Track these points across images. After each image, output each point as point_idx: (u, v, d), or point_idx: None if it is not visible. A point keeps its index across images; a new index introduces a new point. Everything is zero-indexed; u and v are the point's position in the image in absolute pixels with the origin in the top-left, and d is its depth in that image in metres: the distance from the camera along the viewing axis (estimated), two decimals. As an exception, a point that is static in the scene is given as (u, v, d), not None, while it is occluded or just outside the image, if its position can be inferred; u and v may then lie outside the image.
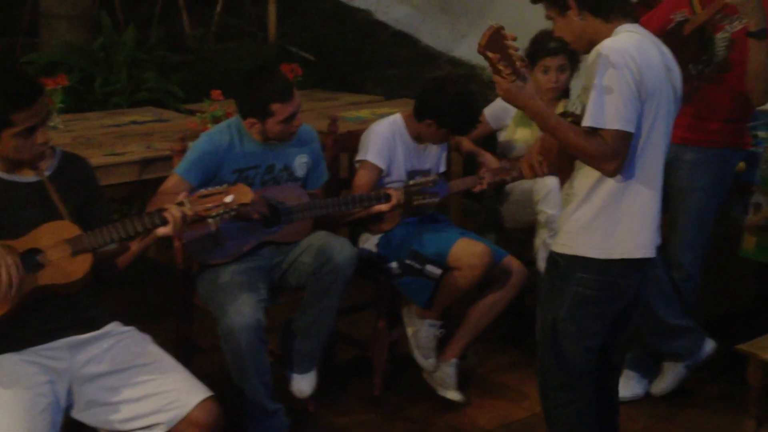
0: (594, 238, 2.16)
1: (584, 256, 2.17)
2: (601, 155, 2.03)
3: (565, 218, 2.23)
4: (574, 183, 2.20)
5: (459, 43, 5.84)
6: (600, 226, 2.15)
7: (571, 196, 2.21)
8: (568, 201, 2.22)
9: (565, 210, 2.23)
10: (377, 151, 3.09)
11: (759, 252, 3.04)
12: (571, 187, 2.21)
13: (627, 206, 2.13)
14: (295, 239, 2.87)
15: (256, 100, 2.73)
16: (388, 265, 3.08)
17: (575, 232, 2.19)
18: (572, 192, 2.20)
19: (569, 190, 2.22)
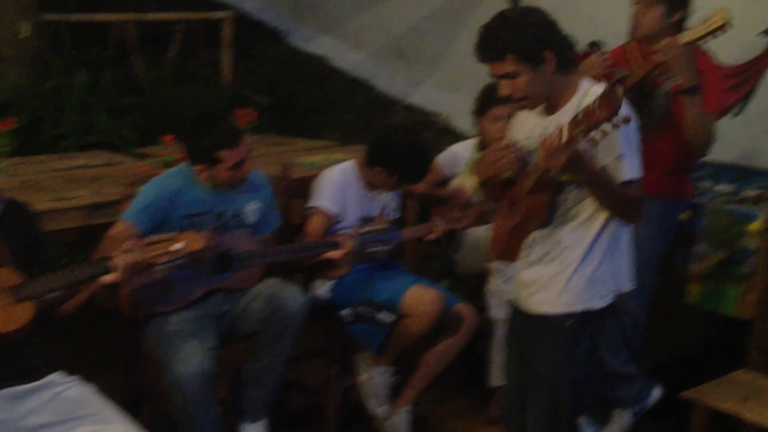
0: (603, 286, 2.18)
1: (595, 309, 2.17)
2: (641, 205, 2.16)
3: (556, 276, 2.16)
4: (560, 239, 2.16)
5: (414, 89, 5.93)
6: (606, 272, 2.17)
7: (557, 252, 2.16)
8: (552, 258, 2.17)
9: (549, 268, 2.17)
10: (329, 197, 3.12)
11: (704, 300, 3.13)
12: (557, 243, 2.16)
13: (623, 243, 2.24)
14: (246, 286, 2.87)
15: (203, 147, 2.75)
16: (341, 312, 3.10)
17: (582, 288, 2.16)
18: (560, 248, 2.16)
19: (549, 248, 2.17)
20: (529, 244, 2.22)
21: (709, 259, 3.09)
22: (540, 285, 2.20)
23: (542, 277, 2.20)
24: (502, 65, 2.09)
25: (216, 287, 2.83)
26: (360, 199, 3.19)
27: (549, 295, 2.19)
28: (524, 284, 2.25)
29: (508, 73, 2.09)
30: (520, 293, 2.28)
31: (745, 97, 4.10)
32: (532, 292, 2.22)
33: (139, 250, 2.23)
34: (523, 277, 2.26)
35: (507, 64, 2.08)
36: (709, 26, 2.83)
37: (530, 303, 2.24)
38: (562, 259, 2.16)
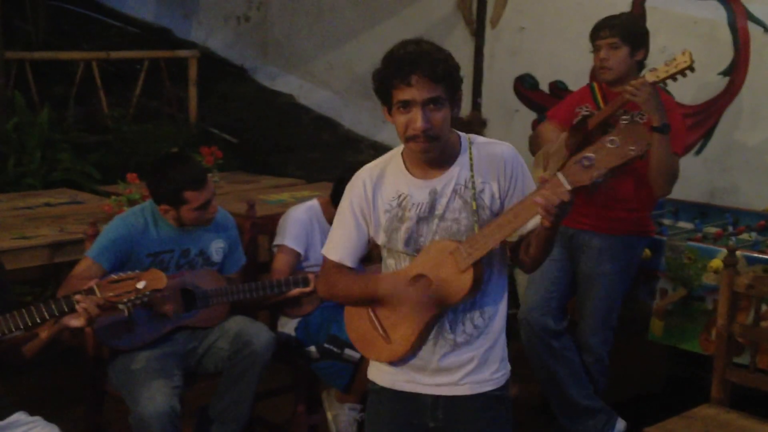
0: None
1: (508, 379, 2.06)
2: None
3: (490, 350, 1.99)
4: (484, 307, 1.97)
5: (380, 127, 6.01)
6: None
7: (484, 323, 1.98)
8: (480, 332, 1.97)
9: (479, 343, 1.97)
10: (295, 235, 3.15)
11: (666, 336, 3.19)
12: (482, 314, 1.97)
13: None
14: (212, 324, 2.88)
15: (168, 188, 2.77)
16: (307, 349, 3.11)
17: (506, 355, 2.04)
18: (486, 317, 1.98)
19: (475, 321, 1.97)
20: (446, 327, 1.96)
21: (670, 296, 3.16)
22: (474, 365, 1.98)
23: (475, 357, 1.98)
24: (433, 88, 1.85)
25: (181, 325, 2.84)
26: (325, 237, 3.15)
27: (487, 373, 1.99)
28: (446, 369, 1.98)
29: (438, 98, 1.86)
30: (436, 380, 1.99)
31: (706, 135, 4.25)
32: (464, 374, 1.98)
33: (102, 288, 2.23)
34: (445, 363, 1.98)
35: (438, 89, 1.86)
36: (675, 67, 2.93)
37: (463, 386, 1.99)
38: (490, 329, 1.98)
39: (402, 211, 1.95)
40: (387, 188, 1.98)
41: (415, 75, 1.84)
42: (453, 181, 1.94)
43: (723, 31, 4.17)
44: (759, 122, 4.14)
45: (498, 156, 1.96)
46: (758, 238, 3.38)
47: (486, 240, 1.87)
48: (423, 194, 1.94)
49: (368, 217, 2.00)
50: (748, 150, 4.12)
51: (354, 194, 2.01)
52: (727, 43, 4.15)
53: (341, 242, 2.04)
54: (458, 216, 1.93)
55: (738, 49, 4.13)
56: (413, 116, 1.86)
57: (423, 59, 1.86)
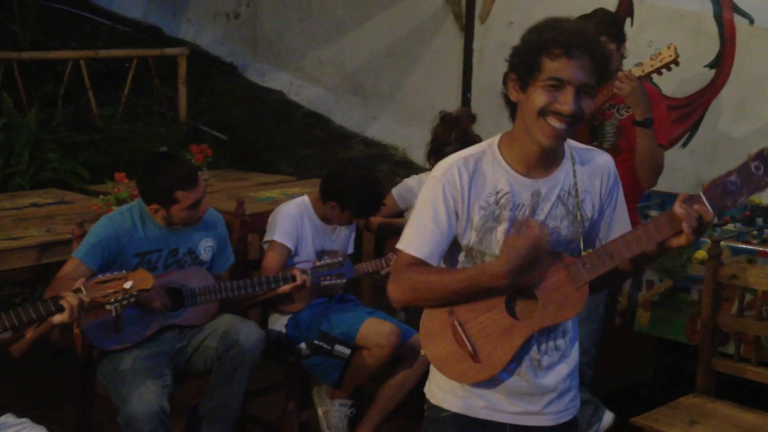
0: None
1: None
2: None
3: (570, 376, 1.84)
4: (566, 327, 1.82)
5: (371, 123, 6.02)
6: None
7: (566, 345, 1.83)
8: (563, 355, 1.82)
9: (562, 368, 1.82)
10: (285, 231, 3.16)
11: (653, 327, 3.22)
12: (564, 334, 1.82)
13: None
14: (200, 323, 2.89)
15: (159, 188, 2.78)
16: (297, 346, 3.13)
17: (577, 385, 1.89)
18: (568, 339, 1.83)
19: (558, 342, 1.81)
20: (534, 347, 1.80)
21: (656, 287, 3.19)
22: (558, 392, 1.83)
23: (558, 383, 1.82)
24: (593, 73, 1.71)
25: (170, 324, 2.85)
26: (315, 233, 3.24)
27: (566, 401, 1.85)
28: (529, 394, 1.81)
29: (590, 84, 1.70)
30: (518, 406, 1.81)
31: (692, 128, 4.27)
32: (547, 402, 1.82)
33: (89, 289, 2.25)
34: (530, 387, 1.80)
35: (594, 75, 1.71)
36: (660, 61, 2.95)
37: (545, 416, 1.83)
38: (570, 353, 1.84)
39: (500, 210, 1.76)
40: (484, 182, 1.77)
41: (580, 52, 1.66)
42: (558, 186, 1.78)
43: (709, 23, 4.19)
44: (745, 114, 4.16)
45: (601, 166, 1.84)
46: (743, 229, 3.41)
47: (612, 256, 1.71)
48: (526, 194, 1.77)
49: (460, 211, 1.76)
50: (733, 142, 4.15)
51: (447, 183, 1.75)
52: (713, 36, 4.18)
53: (429, 237, 1.76)
54: (559, 224, 1.78)
55: (724, 41, 4.15)
56: (564, 95, 1.66)
57: (593, 37, 1.68)
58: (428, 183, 1.79)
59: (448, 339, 1.77)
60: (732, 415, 2.73)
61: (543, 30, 1.69)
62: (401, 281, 1.77)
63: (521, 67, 1.70)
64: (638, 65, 3.05)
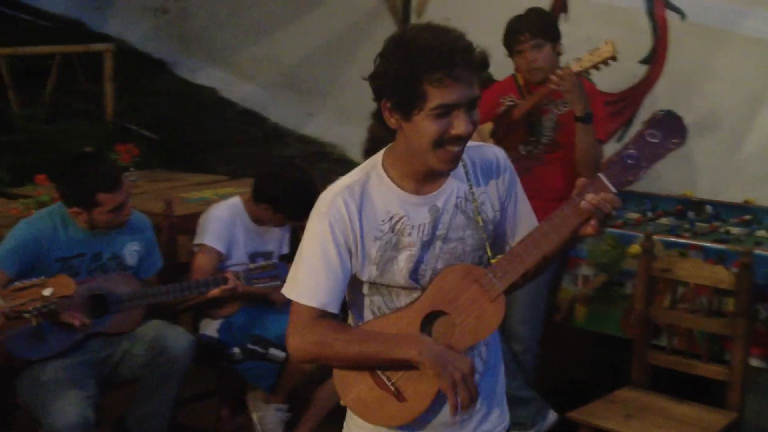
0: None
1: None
2: None
3: (496, 388, 1.79)
4: (487, 339, 1.73)
5: (307, 120, 5.99)
6: None
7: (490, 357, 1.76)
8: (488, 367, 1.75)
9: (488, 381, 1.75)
10: (216, 234, 3.14)
11: (589, 321, 3.29)
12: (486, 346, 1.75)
13: None
14: (127, 330, 2.85)
15: (80, 191, 2.73)
16: (230, 351, 3.11)
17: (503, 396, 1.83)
18: (490, 351, 1.76)
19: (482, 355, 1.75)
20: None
21: (592, 282, 3.26)
22: (486, 408, 1.75)
23: (486, 398, 1.75)
24: (473, 87, 1.60)
25: (94, 332, 2.80)
26: (248, 235, 3.22)
27: (495, 416, 1.78)
28: (457, 423, 1.73)
29: (476, 98, 1.62)
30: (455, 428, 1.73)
31: (626, 123, 4.37)
32: (476, 423, 1.75)
33: (6, 297, 2.20)
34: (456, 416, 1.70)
35: (476, 86, 1.61)
36: (598, 56, 3.02)
37: None
38: (495, 362, 1.78)
39: (397, 237, 1.64)
40: (375, 209, 1.65)
41: (464, 65, 1.53)
42: (453, 195, 1.68)
43: (642, 19, 4.29)
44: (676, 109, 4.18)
45: (492, 162, 1.73)
46: (675, 223, 3.51)
47: (521, 259, 1.64)
48: (422, 213, 1.66)
49: (353, 247, 1.63)
50: (667, 136, 4.26)
51: (334, 219, 1.62)
52: (646, 32, 4.28)
53: (323, 282, 1.62)
54: (462, 234, 1.68)
55: (657, 37, 4.26)
56: (457, 119, 1.56)
57: (467, 45, 1.56)
58: (312, 219, 1.65)
59: (367, 384, 1.67)
60: (666, 408, 2.81)
61: (415, 53, 1.53)
62: (304, 335, 1.64)
63: (399, 97, 1.56)
64: (577, 60, 3.11)
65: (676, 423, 2.69)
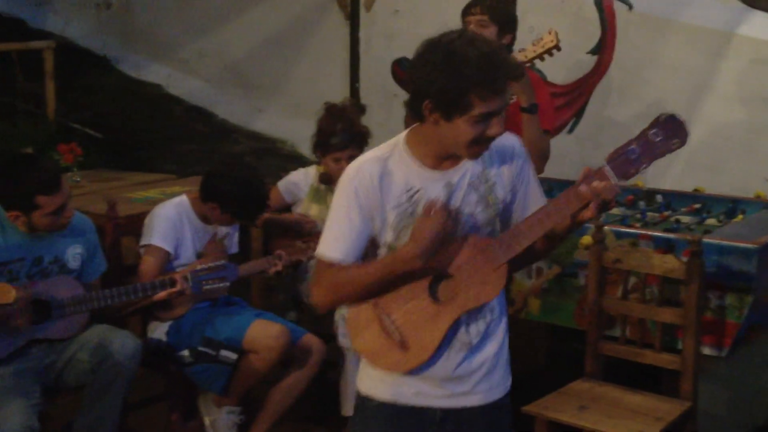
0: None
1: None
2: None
3: (498, 353, 1.92)
4: (493, 306, 1.89)
5: (256, 116, 5.96)
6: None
7: (494, 323, 1.91)
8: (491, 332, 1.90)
9: (490, 346, 1.90)
10: (163, 234, 3.09)
11: (543, 314, 3.32)
12: (491, 312, 1.90)
13: None
14: (71, 335, 2.80)
15: (18, 193, 2.67)
16: (179, 354, 3.07)
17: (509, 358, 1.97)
18: (495, 316, 1.91)
19: (487, 320, 1.89)
20: (462, 329, 1.87)
21: (545, 274, 3.29)
22: (485, 370, 1.90)
23: (486, 360, 1.90)
24: (507, 94, 1.80)
25: (37, 338, 2.74)
26: (196, 234, 3.18)
27: (496, 378, 1.93)
28: (459, 377, 1.89)
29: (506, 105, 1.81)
30: (447, 389, 1.89)
31: (577, 114, 4.42)
32: (476, 381, 1.90)
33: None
34: (460, 370, 1.88)
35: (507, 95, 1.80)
36: (542, 47, 3.04)
37: (476, 396, 1.91)
38: (499, 331, 1.92)
39: (414, 207, 1.84)
40: (395, 181, 1.85)
41: (506, 82, 1.76)
42: (468, 174, 1.87)
43: (590, 9, 4.34)
44: (627, 99, 4.35)
45: (508, 148, 1.92)
46: (626, 213, 3.56)
47: (525, 235, 1.81)
48: (437, 188, 1.85)
49: (375, 212, 1.84)
50: (618, 126, 4.33)
51: (360, 185, 1.84)
52: (594, 22, 4.33)
53: (344, 238, 1.84)
54: (474, 210, 1.86)
55: (605, 27, 4.32)
56: (494, 124, 1.77)
57: (510, 61, 1.79)
58: (340, 185, 1.86)
59: (375, 331, 1.86)
60: (620, 398, 2.85)
61: (465, 68, 1.72)
62: (321, 285, 1.86)
63: (445, 103, 1.75)
64: (521, 51, 3.13)
65: (629, 413, 2.74)
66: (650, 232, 3.11)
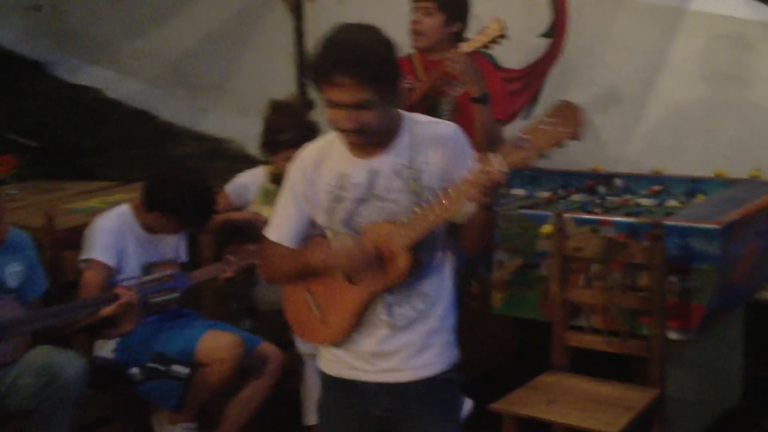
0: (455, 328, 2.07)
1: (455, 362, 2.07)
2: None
3: (432, 335, 2.00)
4: (427, 291, 1.99)
5: (201, 117, 5.89)
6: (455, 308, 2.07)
7: (427, 308, 1.99)
8: (423, 317, 1.99)
9: (421, 328, 1.99)
10: (104, 247, 3.03)
11: (507, 307, 3.31)
12: (424, 298, 1.99)
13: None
14: (12, 359, 2.73)
15: None
16: (129, 372, 3.01)
17: (454, 336, 2.05)
18: (429, 302, 1.99)
19: (417, 305, 1.99)
20: (383, 310, 1.99)
21: (507, 266, 3.28)
22: (413, 350, 2.00)
23: (414, 342, 2.00)
24: (362, 90, 1.84)
25: (-26, 364, 2.67)
26: (140, 245, 3.12)
27: (429, 356, 2.01)
28: (385, 354, 2.01)
29: (366, 101, 1.85)
30: (376, 365, 2.01)
31: (532, 99, 4.42)
32: (402, 358, 2.01)
33: None
34: (384, 348, 2.00)
35: (369, 90, 1.84)
36: (487, 35, 3.03)
37: (403, 372, 2.01)
38: (431, 314, 2.01)
39: (341, 191, 1.99)
40: (328, 167, 2.01)
41: (340, 75, 1.84)
42: (393, 161, 1.96)
43: (541, -9, 4.34)
44: (582, 82, 4.36)
45: (440, 136, 1.99)
46: (587, 199, 3.57)
47: (420, 222, 1.90)
48: (362, 174, 1.97)
49: (309, 196, 2.03)
50: (573, 110, 4.33)
51: (295, 174, 2.06)
52: (544, 4, 4.33)
53: (280, 222, 2.09)
54: (397, 197, 1.95)
55: (556, 9, 4.31)
56: (340, 116, 1.88)
57: (352, 57, 1.84)
58: (287, 172, 2.10)
59: (300, 306, 2.06)
60: (588, 389, 2.85)
61: (317, 54, 1.89)
62: (263, 263, 2.16)
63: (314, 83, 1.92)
64: (467, 41, 3.12)
65: (598, 404, 2.74)
66: (610, 218, 3.11)
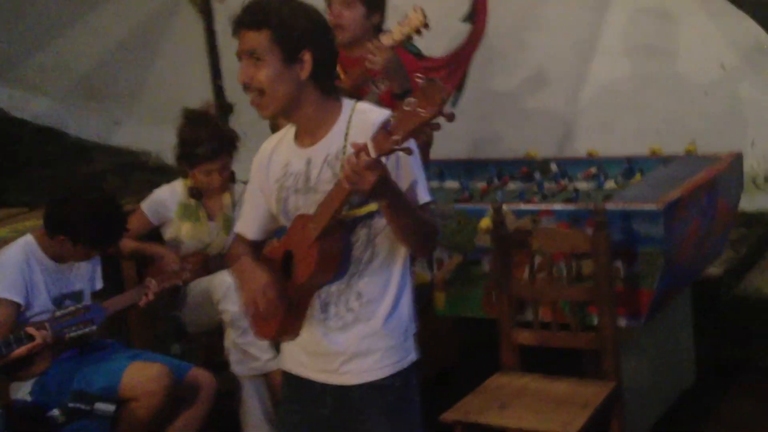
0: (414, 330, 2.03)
1: (411, 363, 2.01)
2: (437, 231, 1.98)
3: (369, 338, 1.96)
4: (360, 290, 1.95)
5: (114, 130, 5.76)
6: (412, 312, 2.03)
7: (361, 308, 1.96)
8: (357, 318, 1.95)
9: (356, 330, 1.96)
10: (10, 283, 2.85)
11: (449, 307, 3.21)
12: (358, 297, 1.95)
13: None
14: None
15: None
16: (49, 414, 2.85)
17: (402, 340, 1.98)
18: (363, 302, 1.96)
19: (350, 305, 1.96)
20: (318, 308, 1.98)
21: (447, 265, 3.17)
22: (351, 353, 1.98)
23: (351, 345, 1.97)
24: (255, 36, 1.88)
25: None
26: (49, 277, 2.95)
27: (370, 362, 1.98)
28: (324, 354, 1.99)
29: (256, 50, 1.87)
30: (318, 365, 2.01)
31: (458, 87, 4.33)
32: (342, 361, 1.98)
33: None
34: (322, 347, 1.99)
35: (261, 37, 1.87)
36: (408, 26, 2.92)
37: (343, 375, 1.99)
38: (370, 316, 1.96)
39: (284, 181, 2.01)
40: (278, 157, 2.03)
41: (243, 26, 1.91)
42: (325, 151, 1.95)
43: (457, -26, 4.25)
44: (507, 66, 4.30)
45: (372, 124, 1.80)
46: (523, 187, 3.50)
47: (321, 212, 1.89)
48: (300, 164, 1.98)
49: (264, 186, 2.05)
50: (501, 96, 4.28)
51: (255, 165, 2.08)
52: (463, -13, 4.25)
53: (243, 214, 2.14)
54: (328, 188, 1.90)
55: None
56: (240, 70, 1.92)
57: (256, 7, 1.91)
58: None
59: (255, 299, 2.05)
60: (542, 389, 2.76)
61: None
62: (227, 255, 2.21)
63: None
64: (387, 33, 3.01)
65: (553, 404, 2.65)
66: (550, 207, 3.04)
